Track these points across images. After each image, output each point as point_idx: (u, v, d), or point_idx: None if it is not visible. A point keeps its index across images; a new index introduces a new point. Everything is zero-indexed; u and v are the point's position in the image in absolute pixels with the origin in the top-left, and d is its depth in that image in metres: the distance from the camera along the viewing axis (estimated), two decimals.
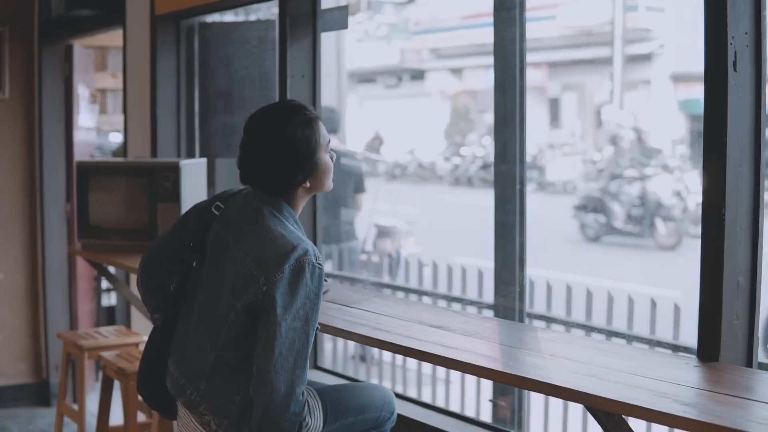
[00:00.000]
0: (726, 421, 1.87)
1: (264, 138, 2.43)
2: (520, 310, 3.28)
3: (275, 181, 2.44)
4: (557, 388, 2.16)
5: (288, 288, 2.25)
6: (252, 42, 4.62)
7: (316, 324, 2.31)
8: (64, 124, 5.89)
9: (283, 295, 2.25)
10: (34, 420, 5.64)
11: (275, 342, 2.22)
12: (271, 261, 2.29)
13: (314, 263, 2.29)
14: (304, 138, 2.42)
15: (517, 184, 3.23)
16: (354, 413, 2.62)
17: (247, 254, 2.35)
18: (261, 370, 2.23)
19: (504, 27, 3.22)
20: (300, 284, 2.26)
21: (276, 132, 2.42)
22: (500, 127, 3.25)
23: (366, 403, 2.65)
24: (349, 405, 2.62)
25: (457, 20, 21.32)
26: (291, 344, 2.23)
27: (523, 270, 3.27)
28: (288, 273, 2.26)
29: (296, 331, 2.24)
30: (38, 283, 5.95)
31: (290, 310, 2.24)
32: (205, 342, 2.43)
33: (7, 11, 5.76)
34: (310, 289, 2.27)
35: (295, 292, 2.25)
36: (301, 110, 2.47)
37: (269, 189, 2.45)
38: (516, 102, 3.21)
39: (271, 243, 2.33)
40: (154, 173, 4.16)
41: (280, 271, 2.27)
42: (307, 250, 2.30)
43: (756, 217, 2.38)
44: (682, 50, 17.51)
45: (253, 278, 2.30)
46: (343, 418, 2.60)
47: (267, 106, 2.53)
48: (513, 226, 3.25)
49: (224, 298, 2.39)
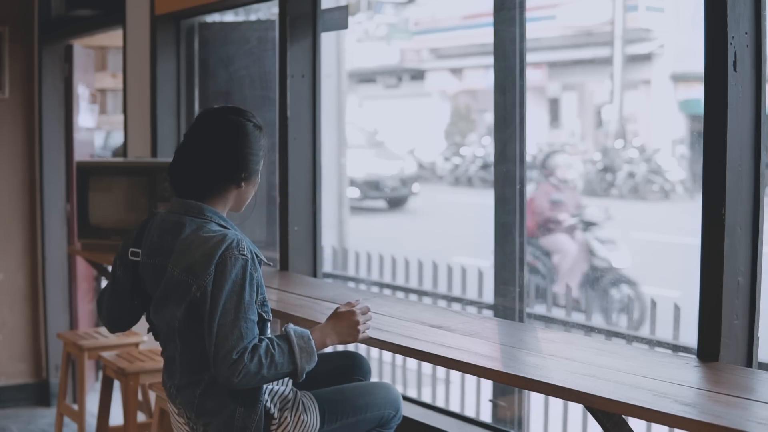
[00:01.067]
0: (726, 421, 1.87)
1: (219, 125, 2.53)
2: (520, 310, 3.28)
3: (214, 172, 2.51)
4: (557, 388, 2.16)
5: (215, 285, 2.36)
6: (252, 42, 4.62)
7: (253, 306, 2.39)
8: (64, 124, 5.89)
9: (213, 292, 2.36)
10: (34, 420, 5.64)
11: (213, 335, 2.34)
12: (198, 265, 2.40)
13: (235, 255, 2.38)
14: (256, 138, 2.54)
15: (517, 184, 3.24)
16: (356, 413, 2.63)
17: (176, 267, 2.46)
18: (212, 357, 2.36)
19: (504, 27, 3.22)
20: (224, 279, 2.36)
21: (233, 121, 2.53)
22: (500, 127, 3.26)
23: (368, 403, 2.65)
24: (351, 405, 2.63)
25: (457, 20, 21.32)
26: (225, 334, 2.33)
27: (523, 270, 3.27)
28: (213, 272, 2.37)
29: (230, 320, 2.34)
30: (38, 283, 5.95)
31: (220, 304, 2.35)
32: (170, 348, 2.56)
33: (7, 11, 5.76)
34: (234, 281, 2.36)
35: (221, 287, 2.36)
36: (254, 115, 2.60)
37: (201, 185, 2.51)
38: (516, 102, 3.21)
39: (195, 250, 2.43)
40: (154, 173, 4.16)
41: (207, 273, 2.38)
42: (228, 244, 2.39)
43: (756, 217, 2.38)
44: (682, 50, 17.51)
45: (187, 287, 2.42)
46: (344, 418, 2.61)
47: (221, 106, 2.64)
48: (513, 226, 3.25)
49: (169, 313, 2.50)
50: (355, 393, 2.67)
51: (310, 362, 2.44)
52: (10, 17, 5.77)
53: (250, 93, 4.63)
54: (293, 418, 2.53)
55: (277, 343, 2.41)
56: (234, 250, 2.39)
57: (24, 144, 5.89)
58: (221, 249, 2.38)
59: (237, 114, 2.56)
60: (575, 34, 18.66)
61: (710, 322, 2.36)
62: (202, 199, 2.52)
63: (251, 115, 2.58)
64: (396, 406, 2.70)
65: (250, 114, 2.58)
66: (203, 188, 2.52)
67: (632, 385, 2.13)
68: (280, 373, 2.40)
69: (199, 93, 4.83)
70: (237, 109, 2.60)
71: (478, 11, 19.04)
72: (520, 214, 3.24)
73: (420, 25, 23.06)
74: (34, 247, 5.93)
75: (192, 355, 2.48)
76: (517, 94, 3.21)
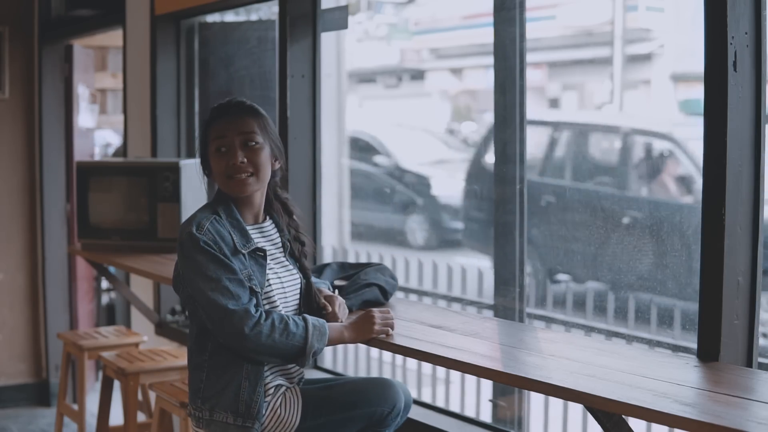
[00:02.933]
0: (726, 421, 1.87)
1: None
2: (520, 310, 3.28)
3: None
4: (557, 388, 2.16)
5: (183, 263, 2.53)
6: (252, 42, 4.62)
7: (232, 274, 2.46)
8: (64, 124, 5.88)
9: (184, 269, 2.52)
10: (34, 420, 5.64)
11: (206, 303, 2.46)
12: (178, 245, 2.56)
13: (191, 233, 2.49)
14: (201, 127, 2.68)
15: (517, 184, 3.24)
16: (343, 409, 2.60)
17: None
18: (215, 323, 2.46)
19: (504, 27, 3.22)
20: (186, 256, 2.50)
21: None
22: (500, 127, 3.25)
23: (357, 400, 2.62)
24: (338, 401, 2.61)
25: (457, 20, 21.29)
26: (215, 298, 2.43)
27: (523, 270, 3.27)
28: (179, 250, 2.54)
29: (204, 290, 2.45)
30: (38, 283, 5.95)
31: (190, 278, 2.49)
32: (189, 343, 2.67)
33: (7, 11, 5.76)
34: (194, 258, 2.48)
35: (185, 264, 2.52)
36: (220, 102, 2.72)
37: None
38: (516, 102, 3.21)
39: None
40: (154, 173, 4.16)
41: (179, 253, 2.55)
42: (188, 224, 2.53)
43: (756, 217, 2.38)
44: (682, 50, 17.49)
45: (176, 266, 2.62)
46: (330, 414, 2.59)
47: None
48: (513, 226, 3.25)
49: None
50: (346, 389, 2.66)
51: (320, 342, 2.49)
52: (10, 17, 5.77)
53: (250, 93, 4.63)
54: (270, 412, 2.54)
55: (293, 319, 2.49)
56: (192, 229, 2.49)
57: (24, 144, 5.89)
58: (183, 229, 2.53)
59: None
60: (575, 34, 18.63)
61: (710, 322, 2.36)
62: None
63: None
64: (392, 402, 2.64)
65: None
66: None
67: (632, 385, 2.13)
68: (290, 345, 2.44)
69: (199, 93, 4.82)
70: (239, 101, 2.71)
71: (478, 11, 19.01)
72: (520, 214, 3.24)
73: (420, 25, 23.03)
74: (34, 247, 5.93)
75: (196, 339, 2.57)
76: (517, 94, 3.21)
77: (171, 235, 4.14)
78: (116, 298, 6.56)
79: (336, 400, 2.62)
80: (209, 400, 2.52)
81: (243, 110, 2.63)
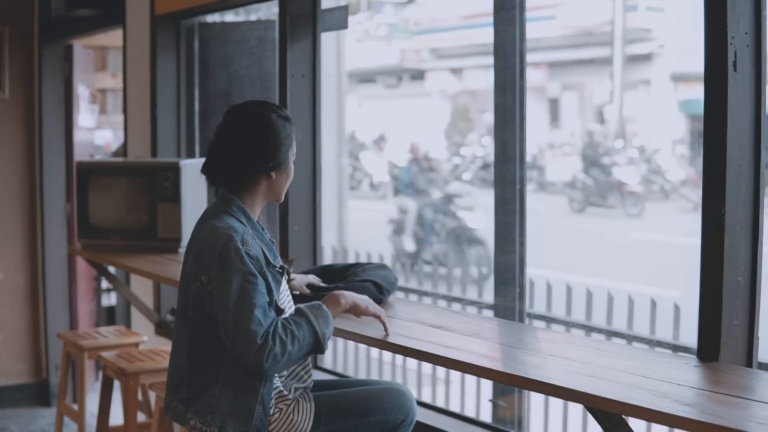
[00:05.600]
0: (726, 421, 1.87)
1: (245, 119, 2.59)
2: (520, 310, 3.28)
3: (243, 164, 2.57)
4: (557, 388, 2.16)
5: (222, 277, 2.43)
6: (252, 42, 4.62)
7: (264, 294, 2.44)
8: (64, 124, 5.88)
9: (221, 284, 2.43)
10: (34, 420, 5.64)
11: (229, 327, 2.40)
12: (207, 255, 2.48)
13: (237, 247, 2.44)
14: (281, 128, 2.59)
15: (517, 184, 3.23)
16: (357, 416, 2.61)
17: (190, 254, 2.57)
18: (233, 350, 2.43)
19: (504, 27, 3.22)
20: (230, 270, 2.42)
21: (258, 115, 2.59)
22: (500, 127, 3.25)
23: (371, 406, 2.62)
24: (352, 408, 2.62)
25: (457, 20, 21.31)
26: (243, 325, 2.38)
27: (523, 270, 3.27)
28: (218, 263, 2.44)
29: (242, 309, 2.39)
30: (38, 283, 5.95)
31: (229, 296, 2.41)
32: (177, 352, 2.60)
33: (7, 11, 5.76)
34: (238, 270, 2.42)
35: (228, 279, 2.42)
36: (281, 107, 2.67)
37: (233, 176, 2.58)
38: (516, 102, 3.21)
39: (207, 239, 2.51)
40: (154, 173, 4.16)
41: (213, 264, 2.46)
42: (233, 238, 2.46)
43: (756, 217, 2.38)
44: (682, 50, 17.51)
45: (195, 275, 2.51)
46: (343, 421, 2.60)
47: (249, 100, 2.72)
48: (513, 226, 3.25)
49: (180, 305, 2.59)
50: (360, 396, 2.66)
51: (327, 326, 2.49)
52: (10, 17, 5.77)
53: (250, 93, 4.63)
54: (282, 416, 2.54)
55: (291, 320, 2.45)
56: (238, 244, 2.45)
57: (24, 144, 5.89)
58: (227, 242, 2.45)
59: (259, 107, 2.63)
60: (575, 34, 18.65)
61: (710, 322, 2.36)
62: (235, 192, 2.59)
63: (276, 107, 2.65)
64: (405, 411, 2.66)
65: (274, 106, 2.66)
66: (234, 181, 2.59)
67: (632, 385, 2.13)
68: (305, 346, 2.44)
69: (199, 93, 4.83)
70: (260, 102, 2.68)
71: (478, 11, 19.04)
72: (520, 214, 3.24)
73: (420, 25, 23.05)
74: (34, 247, 5.93)
75: (204, 352, 2.51)
76: (517, 94, 3.21)
77: (171, 235, 4.14)
78: (117, 297, 6.56)
79: (350, 406, 2.62)
80: (220, 416, 2.50)
81: None
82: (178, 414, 2.58)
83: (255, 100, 2.70)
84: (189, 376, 2.55)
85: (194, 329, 2.54)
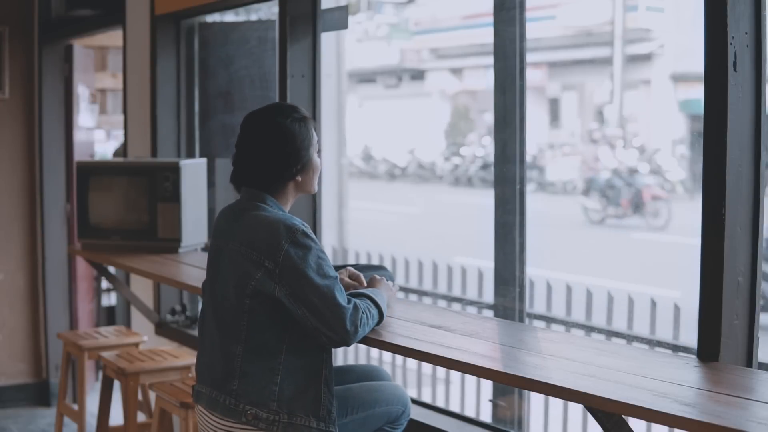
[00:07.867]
0: (726, 421, 1.87)
1: (261, 130, 2.61)
2: (520, 310, 3.28)
3: (267, 174, 2.62)
4: (557, 388, 2.16)
5: (296, 258, 2.46)
6: (252, 42, 4.62)
7: (330, 268, 2.52)
8: (64, 124, 5.88)
9: (296, 265, 2.46)
10: (34, 420, 5.64)
11: (316, 308, 2.45)
12: (268, 244, 2.49)
13: (302, 230, 2.51)
14: (298, 132, 2.61)
15: (517, 184, 3.24)
16: (365, 408, 2.69)
17: (242, 245, 2.54)
18: (320, 324, 2.47)
19: (504, 27, 3.22)
20: (305, 250, 2.48)
21: (272, 124, 2.61)
22: (500, 127, 3.25)
23: (377, 398, 2.72)
24: (359, 400, 2.70)
25: (457, 20, 21.33)
26: (323, 295, 2.45)
27: (523, 270, 3.27)
28: (288, 246, 2.47)
29: (326, 287, 2.46)
30: (38, 283, 5.95)
31: (309, 272, 2.46)
32: (227, 345, 2.56)
33: (7, 11, 5.76)
34: (312, 249, 2.49)
35: (304, 258, 2.47)
36: (296, 109, 2.68)
37: (260, 183, 2.62)
38: (516, 102, 3.21)
39: (261, 228, 2.52)
40: (154, 173, 4.15)
41: (281, 249, 2.47)
42: (293, 222, 2.52)
43: (756, 217, 2.38)
44: (682, 50, 17.52)
45: (256, 264, 2.50)
46: (354, 413, 2.67)
47: (264, 105, 2.73)
48: (513, 226, 3.25)
49: (231, 295, 2.55)
50: (364, 389, 2.75)
51: (383, 300, 2.63)
52: (10, 17, 5.77)
53: (250, 93, 4.63)
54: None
55: (354, 302, 2.54)
56: (300, 226, 2.51)
57: (24, 144, 5.89)
58: (290, 226, 2.50)
59: (273, 114, 2.64)
60: (575, 34, 18.67)
61: (710, 322, 2.36)
62: (266, 191, 2.63)
63: (291, 110, 2.66)
64: (404, 402, 2.78)
65: (289, 109, 2.66)
66: (263, 186, 2.63)
67: (632, 385, 2.13)
68: (373, 315, 2.56)
69: (199, 93, 4.82)
70: (274, 107, 2.70)
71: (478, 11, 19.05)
72: (520, 214, 3.24)
73: (420, 25, 23.06)
74: (34, 247, 5.93)
75: (262, 340, 2.52)
76: (517, 94, 3.21)
77: (171, 235, 4.14)
78: (117, 297, 6.56)
79: (358, 398, 2.70)
80: (287, 403, 2.50)
81: None
82: (228, 408, 2.53)
83: (269, 106, 2.71)
84: (243, 366, 2.52)
85: (253, 318, 2.52)
